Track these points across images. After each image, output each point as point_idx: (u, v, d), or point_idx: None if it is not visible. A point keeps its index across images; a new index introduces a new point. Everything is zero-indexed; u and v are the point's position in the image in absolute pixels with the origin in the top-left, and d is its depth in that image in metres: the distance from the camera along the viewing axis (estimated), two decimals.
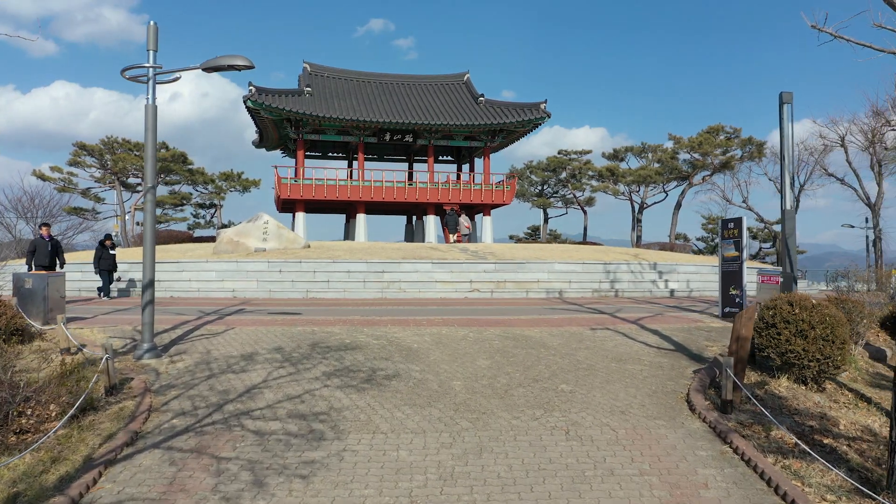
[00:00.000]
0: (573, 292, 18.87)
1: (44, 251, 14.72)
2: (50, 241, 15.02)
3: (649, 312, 13.80)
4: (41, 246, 14.76)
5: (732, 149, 39.88)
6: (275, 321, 11.59)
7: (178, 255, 20.87)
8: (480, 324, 11.60)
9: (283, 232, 21.47)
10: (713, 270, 21.94)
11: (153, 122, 8.76)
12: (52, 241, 15.10)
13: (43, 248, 14.77)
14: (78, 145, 36.64)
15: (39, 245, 14.79)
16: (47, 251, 14.80)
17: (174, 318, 11.94)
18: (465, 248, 23.62)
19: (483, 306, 15.31)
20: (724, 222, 12.90)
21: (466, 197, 36.08)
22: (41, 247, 14.75)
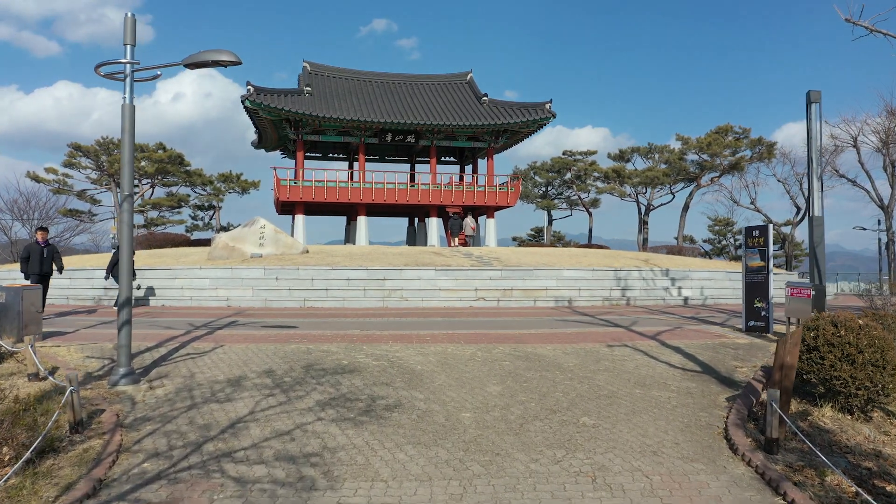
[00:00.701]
0: (583, 301, 18.05)
1: (39, 257, 13.72)
2: (45, 247, 13.93)
3: (667, 325, 12.99)
4: (35, 252, 13.75)
5: (741, 149, 39.03)
6: (268, 337, 10.80)
7: (172, 261, 20.09)
8: (488, 339, 10.81)
9: (281, 237, 20.69)
10: (727, 277, 21.14)
11: (130, 124, 7.97)
12: (48, 246, 14.02)
13: (37, 254, 13.75)
14: (73, 146, 35.91)
15: (33, 251, 13.77)
16: (42, 257, 13.78)
17: (161, 334, 11.15)
18: (469, 253, 22.82)
19: (490, 317, 14.51)
20: (749, 230, 12.08)
21: (469, 199, 35.30)
22: (35, 253, 13.74)
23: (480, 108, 35.82)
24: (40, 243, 13.88)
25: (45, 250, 13.83)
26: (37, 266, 13.58)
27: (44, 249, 13.82)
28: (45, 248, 13.85)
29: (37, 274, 13.55)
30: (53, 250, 14.10)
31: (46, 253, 13.84)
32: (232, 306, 16.87)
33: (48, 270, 13.86)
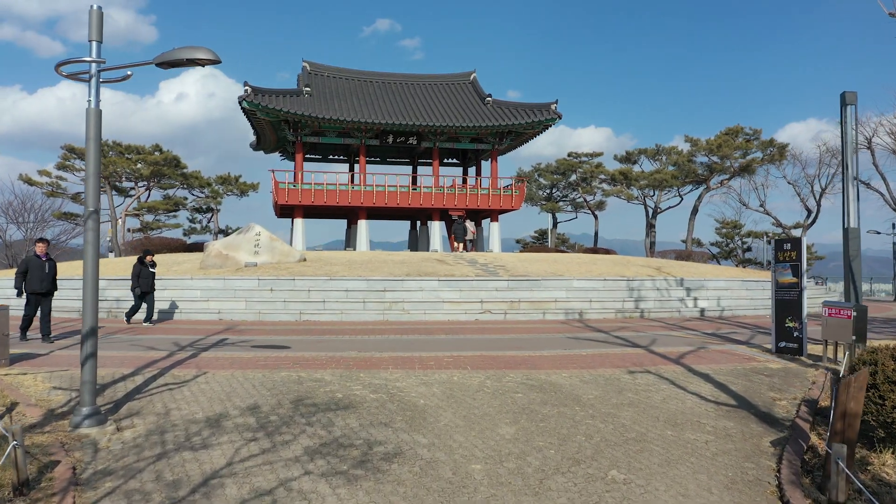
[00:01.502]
0: (594, 313, 17.13)
1: (39, 273, 11.88)
2: (47, 261, 12.14)
3: (689, 345, 12.06)
4: (36, 267, 11.92)
5: (752, 151, 38.05)
6: (256, 362, 9.89)
7: (163, 269, 19.20)
8: (497, 364, 9.89)
9: (277, 245, 19.79)
10: (743, 286, 20.22)
11: (96, 130, 7.07)
12: (50, 260, 12.26)
13: (38, 269, 11.89)
14: (67, 148, 35.07)
15: (34, 265, 11.95)
16: (44, 273, 11.93)
17: (141, 357, 10.25)
18: (473, 261, 21.90)
19: (497, 334, 13.60)
20: (779, 243, 11.14)
21: (473, 202, 34.41)
22: (36, 268, 11.91)
23: (484, 108, 34.93)
24: (41, 257, 12.10)
25: (46, 265, 12.09)
26: (37, 283, 11.90)
27: (45, 264, 12.08)
28: (46, 263, 12.12)
29: (36, 293, 11.94)
30: (55, 265, 12.48)
31: (48, 268, 12.11)
32: (223, 320, 15.97)
33: (50, 288, 12.18)
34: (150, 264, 14.82)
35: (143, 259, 14.79)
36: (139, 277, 14.59)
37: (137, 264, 14.75)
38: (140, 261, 14.78)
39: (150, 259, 14.94)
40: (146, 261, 14.79)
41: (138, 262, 14.79)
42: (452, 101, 35.83)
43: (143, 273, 14.60)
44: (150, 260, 14.88)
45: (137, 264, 14.75)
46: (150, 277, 14.77)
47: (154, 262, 15.14)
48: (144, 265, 14.70)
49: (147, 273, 14.68)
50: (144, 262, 14.74)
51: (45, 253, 12.28)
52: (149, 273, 14.72)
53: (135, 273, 14.63)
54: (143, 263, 14.71)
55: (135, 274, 14.61)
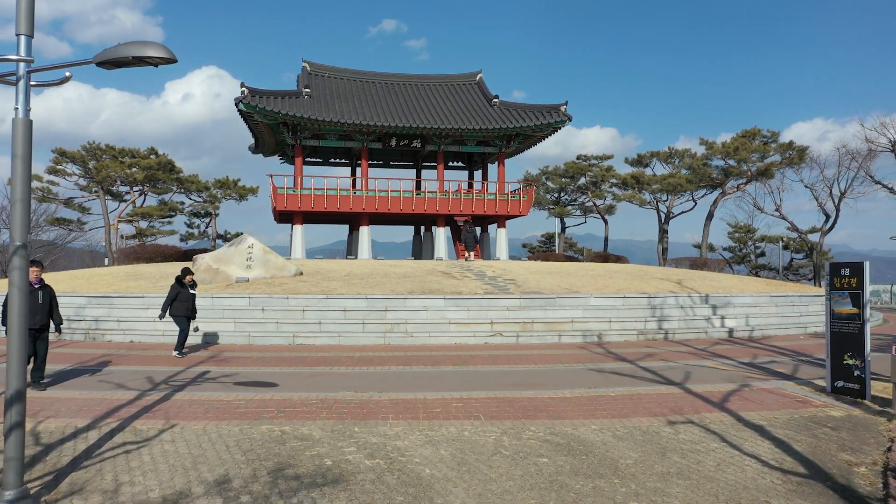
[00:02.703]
0: (614, 335, 15.75)
1: (30, 305, 9.25)
2: (40, 289, 9.68)
3: (729, 381, 10.68)
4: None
5: (770, 154, 36.58)
6: (236, 408, 8.55)
7: (149, 284, 17.91)
8: (514, 410, 8.54)
9: (271, 258, 18.48)
10: (772, 302, 18.83)
11: (25, 145, 5.72)
12: (44, 288, 9.80)
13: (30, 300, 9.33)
14: (58, 152, 33.86)
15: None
16: (36, 305, 9.49)
17: (103, 401, 8.92)
18: (481, 274, 20.54)
19: (510, 364, 12.23)
20: (836, 268, 9.75)
21: (479, 207, 33.07)
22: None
23: (491, 110, 33.58)
24: (32, 283, 9.36)
25: (39, 294, 9.63)
26: (30, 315, 9.13)
27: (38, 293, 9.58)
28: (39, 291, 9.64)
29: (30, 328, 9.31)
30: (51, 293, 9.94)
31: (42, 297, 9.66)
32: (210, 344, 14.65)
33: (43, 322, 9.69)
34: (189, 285, 13.11)
35: (182, 279, 13.05)
36: (176, 301, 12.78)
37: (176, 285, 12.98)
38: (178, 281, 13.04)
39: (190, 279, 13.18)
40: (185, 281, 13.05)
41: (177, 282, 13.04)
42: (458, 103, 34.49)
43: (181, 295, 12.83)
44: (189, 280, 13.15)
45: (176, 285, 12.98)
46: (191, 300, 13.02)
47: (194, 282, 13.43)
48: (184, 286, 12.98)
49: (186, 295, 12.92)
50: (184, 282, 13.02)
51: (37, 279, 9.68)
52: (188, 295, 12.96)
53: (171, 295, 12.79)
54: (182, 284, 12.99)
55: (171, 297, 12.77)
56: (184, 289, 12.98)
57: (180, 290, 12.92)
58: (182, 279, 13.08)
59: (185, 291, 12.97)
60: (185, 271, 13.26)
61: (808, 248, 45.32)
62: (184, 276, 13.12)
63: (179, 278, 13.12)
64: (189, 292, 13.02)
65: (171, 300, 12.78)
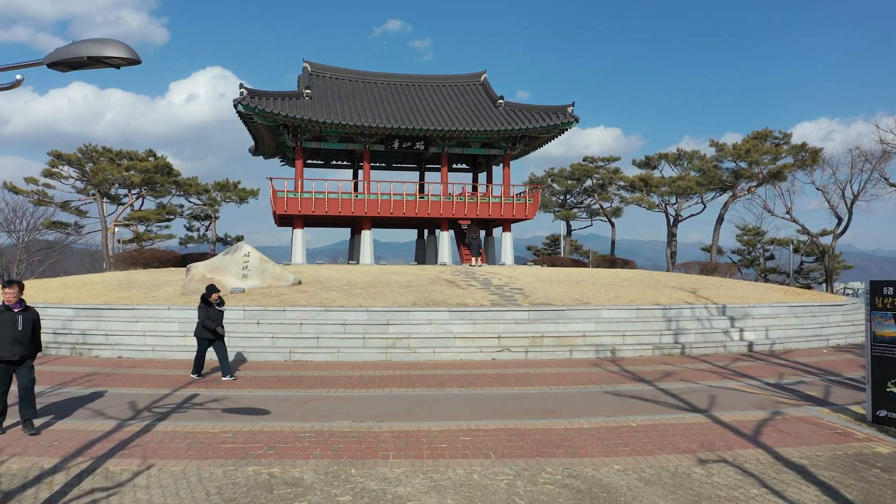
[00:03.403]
0: (629, 350, 14.94)
1: (9, 332, 7.91)
2: (21, 313, 8.09)
3: (758, 407, 9.86)
4: (4, 323, 7.94)
5: (782, 156, 35.68)
6: (220, 443, 7.77)
7: (140, 294, 17.18)
8: (528, 445, 7.75)
9: (268, 267, 17.72)
10: (792, 313, 18.02)
11: None
12: (26, 311, 8.18)
13: (7, 326, 7.93)
14: (53, 154, 33.16)
15: (2, 321, 7.96)
16: (15, 332, 7.94)
17: (76, 434, 8.15)
18: (486, 282, 19.76)
19: (520, 385, 11.43)
20: (877, 286, 8.93)
21: (484, 211, 32.26)
22: (4, 325, 7.93)
23: (496, 111, 32.78)
24: (11, 307, 8.03)
25: (20, 319, 8.03)
26: (5, 346, 7.88)
27: (18, 318, 8.02)
28: (20, 316, 8.05)
29: (6, 360, 7.96)
30: (34, 318, 8.30)
31: (23, 323, 8.04)
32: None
33: (25, 352, 8.09)
34: (217, 303, 12.11)
35: (208, 297, 12.02)
36: (208, 322, 11.89)
37: (203, 306, 11.99)
38: (205, 301, 12.03)
39: (217, 296, 12.16)
40: (212, 299, 12.02)
41: (203, 302, 12.04)
42: (462, 104, 33.70)
43: (211, 315, 11.89)
44: (216, 298, 12.11)
45: (203, 306, 11.99)
46: (220, 318, 12.03)
47: (221, 299, 12.38)
48: (211, 305, 11.98)
49: (216, 314, 11.95)
50: (210, 300, 12.00)
51: (17, 301, 8.09)
52: (217, 314, 11.99)
53: (202, 317, 11.89)
54: (208, 303, 11.98)
55: (202, 318, 11.88)
56: (211, 308, 11.94)
57: (209, 311, 11.89)
58: (208, 298, 11.99)
59: (214, 311, 11.94)
60: (210, 289, 12.13)
61: (820, 252, 44.39)
62: (209, 295, 12.01)
63: (205, 297, 12.03)
64: (217, 311, 11.99)
65: (203, 320, 11.84)
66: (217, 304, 12.12)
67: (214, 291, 12.18)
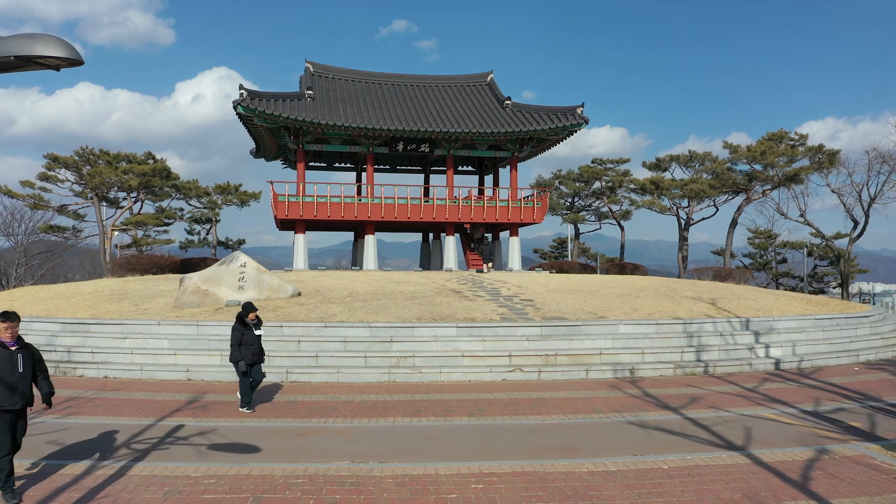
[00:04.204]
0: (648, 368, 14.00)
1: (7, 375, 6.52)
2: (19, 351, 6.68)
3: (802, 443, 8.91)
4: (2, 365, 6.54)
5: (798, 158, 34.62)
6: (203, 490, 6.89)
7: (131, 307, 16.34)
8: (548, 494, 6.84)
9: (265, 278, 16.86)
10: (817, 325, 17.08)
11: None
12: (24, 349, 6.77)
13: (6, 367, 6.54)
14: (50, 157, 32.39)
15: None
16: (14, 374, 6.56)
17: (43, 481, 7.27)
18: (495, 292, 18.86)
19: (535, 413, 10.51)
20: None
21: (491, 215, 31.37)
22: (2, 366, 6.54)
23: (503, 113, 31.87)
24: (7, 344, 6.63)
25: (19, 359, 6.63)
26: (5, 393, 6.50)
27: (17, 356, 6.62)
28: (19, 355, 6.64)
29: (4, 409, 6.55)
30: (34, 357, 6.88)
31: (23, 364, 6.65)
32: (192, 381, 13.03)
33: (26, 400, 6.70)
34: (253, 324, 10.72)
35: (245, 317, 10.65)
36: (242, 345, 10.50)
37: (238, 326, 10.60)
38: (241, 321, 10.64)
39: (254, 316, 10.76)
40: (249, 320, 10.66)
41: (238, 323, 10.65)
42: (468, 105, 32.80)
43: (246, 338, 10.52)
44: (253, 318, 10.72)
45: (238, 326, 10.60)
46: (257, 342, 10.70)
47: (259, 319, 10.97)
48: (248, 326, 10.61)
49: (252, 338, 10.59)
50: (246, 321, 10.63)
51: (13, 338, 6.67)
52: (254, 338, 10.63)
53: (236, 339, 10.49)
54: (244, 324, 10.60)
55: (236, 341, 10.49)
56: (248, 330, 10.58)
57: (245, 333, 10.54)
58: (244, 318, 10.62)
59: (251, 333, 10.58)
60: (247, 308, 10.71)
61: (835, 256, 43.31)
62: (246, 314, 10.63)
63: (241, 317, 10.66)
64: (255, 334, 10.65)
65: (238, 343, 10.47)
66: (254, 326, 10.71)
67: (252, 310, 10.74)
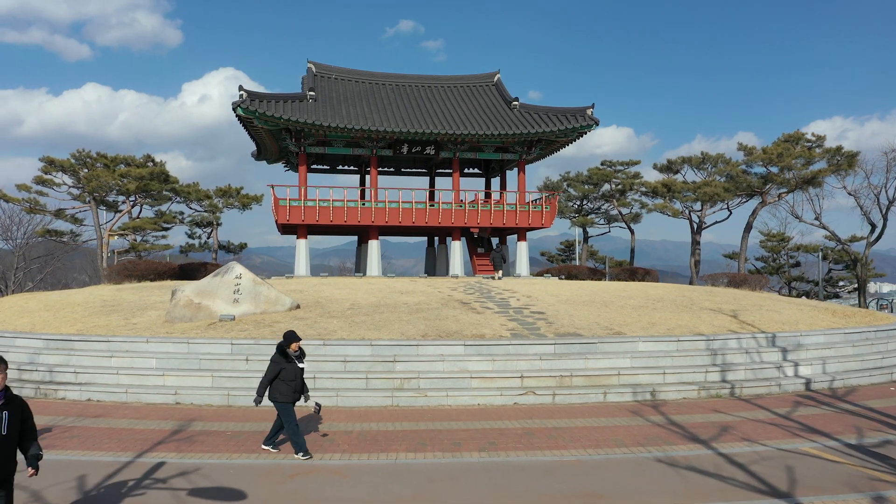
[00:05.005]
0: (671, 391, 13.03)
1: None
2: (4, 408, 5.33)
3: (854, 489, 7.93)
4: None
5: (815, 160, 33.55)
6: None
7: (121, 321, 15.50)
8: None
9: (262, 290, 15.98)
10: (846, 340, 16.12)
11: None
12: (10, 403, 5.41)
13: None
14: (46, 160, 31.61)
15: None
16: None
17: None
18: (504, 304, 17.93)
19: (551, 448, 9.55)
20: None
21: (498, 219, 30.43)
22: None
23: (510, 114, 30.93)
24: None
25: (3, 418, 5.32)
26: None
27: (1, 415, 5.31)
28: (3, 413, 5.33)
29: None
30: (22, 413, 5.58)
31: (9, 423, 5.34)
32: (181, 405, 12.14)
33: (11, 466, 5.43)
34: (296, 355, 9.12)
35: (286, 348, 9.06)
36: (278, 380, 8.92)
37: (278, 357, 9.01)
38: (281, 351, 9.05)
39: (297, 347, 9.14)
40: (291, 350, 9.06)
41: (279, 353, 9.05)
42: (475, 106, 31.87)
43: (285, 372, 8.90)
44: (296, 349, 9.11)
45: (278, 357, 9.01)
46: (299, 377, 9.07)
47: (302, 350, 9.33)
48: (289, 359, 9.03)
49: (293, 371, 8.96)
50: (287, 351, 9.05)
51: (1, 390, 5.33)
52: (296, 371, 9.00)
53: (272, 372, 8.91)
54: (285, 355, 9.02)
55: (271, 374, 8.91)
56: (290, 362, 9.00)
57: (285, 365, 8.95)
58: (286, 348, 9.05)
59: (292, 366, 9.00)
60: (289, 338, 9.12)
61: (851, 260, 42.19)
62: (288, 345, 9.06)
63: (282, 348, 9.09)
64: (297, 367, 9.07)
65: (271, 378, 8.91)
66: (298, 360, 9.13)
67: (295, 340, 9.13)
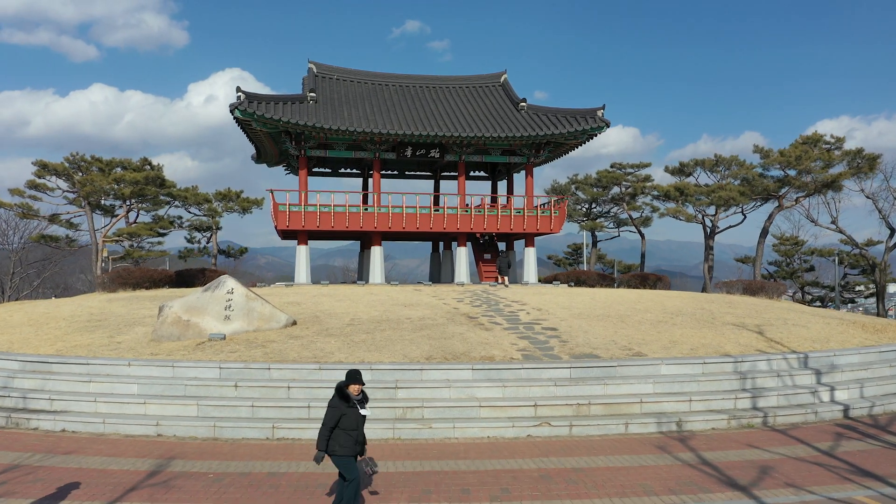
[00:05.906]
0: (698, 420, 11.92)
1: None
2: None
3: None
4: None
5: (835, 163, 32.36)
6: None
7: (104, 339, 14.52)
8: None
9: (255, 305, 14.97)
10: (883, 360, 15.08)
11: None
12: None
13: None
14: (39, 164, 30.70)
15: None
16: None
17: None
18: (513, 318, 16.89)
19: (570, 495, 8.46)
20: None
21: (505, 224, 29.40)
22: None
23: (517, 115, 29.89)
24: None
25: None
26: None
27: None
28: None
29: None
30: None
31: None
32: (162, 437, 11.10)
33: None
34: (358, 399, 7.46)
35: (345, 389, 7.42)
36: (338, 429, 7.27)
37: (337, 401, 7.32)
38: (341, 393, 7.38)
39: (359, 390, 7.51)
40: (352, 393, 7.42)
41: (338, 396, 7.35)
42: (481, 107, 30.82)
43: (347, 419, 7.27)
44: (357, 391, 7.47)
45: (337, 401, 7.32)
46: (361, 425, 7.42)
47: (364, 394, 7.66)
48: (351, 403, 7.35)
49: (355, 419, 7.33)
50: (347, 394, 7.40)
51: None
52: (357, 418, 7.36)
53: (332, 419, 7.25)
54: (346, 399, 7.35)
55: (332, 421, 7.25)
56: (351, 407, 7.34)
57: (345, 411, 7.29)
58: (344, 390, 7.40)
59: (354, 412, 7.35)
60: (351, 377, 7.48)
61: (868, 264, 40.96)
62: (347, 385, 7.43)
63: (342, 389, 7.43)
64: (359, 413, 7.40)
65: (332, 427, 7.24)
66: (360, 405, 7.45)
67: (356, 381, 7.48)
